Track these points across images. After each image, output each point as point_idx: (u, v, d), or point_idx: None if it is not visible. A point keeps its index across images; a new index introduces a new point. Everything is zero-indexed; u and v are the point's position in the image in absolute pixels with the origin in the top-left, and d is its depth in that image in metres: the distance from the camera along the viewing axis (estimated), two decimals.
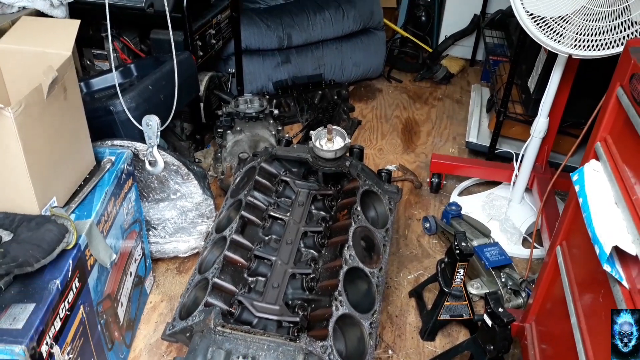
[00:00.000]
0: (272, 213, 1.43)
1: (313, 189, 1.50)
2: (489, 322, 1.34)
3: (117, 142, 1.58)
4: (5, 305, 1.04)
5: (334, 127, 1.44)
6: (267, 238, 1.41)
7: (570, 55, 1.58)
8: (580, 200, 0.99)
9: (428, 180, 2.26)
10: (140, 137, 1.67)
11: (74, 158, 1.35)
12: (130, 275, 1.57)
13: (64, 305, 1.12)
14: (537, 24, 1.57)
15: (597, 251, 0.88)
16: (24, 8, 1.79)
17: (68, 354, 1.14)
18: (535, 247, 1.84)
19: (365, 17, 2.93)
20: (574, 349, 1.11)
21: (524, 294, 1.68)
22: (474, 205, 2.07)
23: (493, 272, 1.71)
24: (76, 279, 1.17)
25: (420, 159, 2.50)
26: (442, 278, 1.57)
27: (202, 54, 2.23)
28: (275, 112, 2.29)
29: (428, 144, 2.61)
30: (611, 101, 1.06)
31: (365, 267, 1.33)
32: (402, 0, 3.50)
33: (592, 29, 1.52)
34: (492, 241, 1.84)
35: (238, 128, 2.17)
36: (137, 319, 1.63)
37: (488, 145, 2.33)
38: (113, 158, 1.46)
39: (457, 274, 1.55)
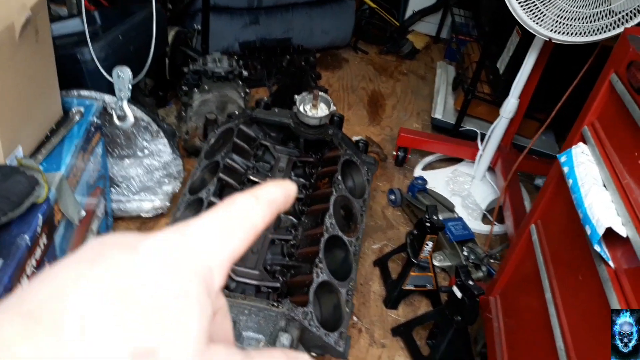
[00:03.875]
0: (251, 177, 1.39)
1: (294, 155, 1.47)
2: (459, 294, 1.38)
3: (84, 92, 1.48)
4: None
5: (320, 93, 1.41)
6: None
7: (549, 39, 1.61)
8: (570, 181, 1.03)
9: (393, 153, 2.28)
10: (107, 89, 1.58)
11: (42, 106, 1.25)
12: (93, 234, 1.50)
13: (32, 262, 1.05)
14: (520, 3, 1.59)
15: (589, 232, 0.91)
16: None
17: None
18: (494, 224, 1.91)
19: None
20: (540, 323, 1.17)
21: (484, 268, 1.74)
22: (438, 180, 2.11)
23: (457, 246, 1.76)
24: (44, 235, 1.10)
25: (385, 132, 2.51)
26: (411, 249, 1.61)
27: (170, 7, 2.12)
28: (245, 73, 2.22)
29: (393, 117, 2.63)
30: (603, 87, 1.09)
31: (344, 235, 1.33)
32: None
33: (572, 13, 1.56)
34: (456, 216, 1.89)
35: (206, 87, 2.09)
36: None
37: (453, 122, 2.37)
38: (82, 109, 1.37)
39: (426, 246, 1.58)
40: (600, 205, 0.94)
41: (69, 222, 1.25)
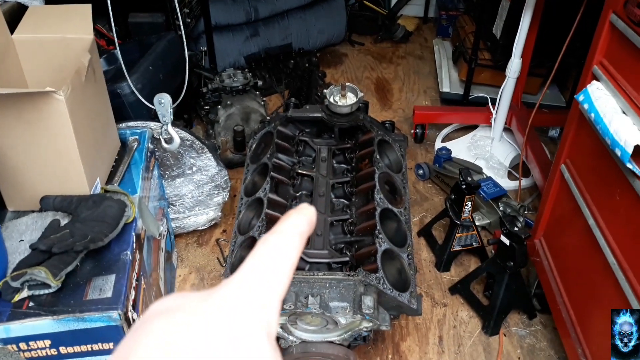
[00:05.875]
0: (299, 171, 1.52)
1: (332, 145, 1.60)
2: (507, 242, 1.50)
3: (131, 123, 1.61)
4: (86, 280, 1.09)
5: (347, 83, 1.54)
6: (298, 194, 1.50)
7: None
8: (592, 115, 1.15)
9: (412, 132, 2.40)
10: (148, 117, 1.71)
11: (106, 139, 1.38)
12: (162, 251, 1.62)
13: (134, 276, 1.18)
14: None
15: (619, 153, 1.04)
16: (4, 2, 1.76)
17: None
18: (521, 178, 2.03)
19: None
20: (588, 250, 1.29)
21: (521, 219, 1.86)
22: (460, 148, 2.23)
23: (492, 203, 1.88)
24: (137, 251, 1.23)
25: (398, 114, 2.63)
26: (452, 212, 1.73)
27: (180, 33, 2.25)
28: (260, 83, 2.35)
29: (402, 99, 2.75)
30: (604, 27, 1.21)
31: (393, 207, 1.45)
32: None
33: None
34: (485, 176, 2.01)
35: (228, 102, 2.22)
36: (172, 291, 1.69)
37: (461, 92, 2.49)
38: (137, 137, 1.50)
39: (466, 207, 1.70)
40: (625, 129, 1.06)
41: (148, 240, 1.37)
